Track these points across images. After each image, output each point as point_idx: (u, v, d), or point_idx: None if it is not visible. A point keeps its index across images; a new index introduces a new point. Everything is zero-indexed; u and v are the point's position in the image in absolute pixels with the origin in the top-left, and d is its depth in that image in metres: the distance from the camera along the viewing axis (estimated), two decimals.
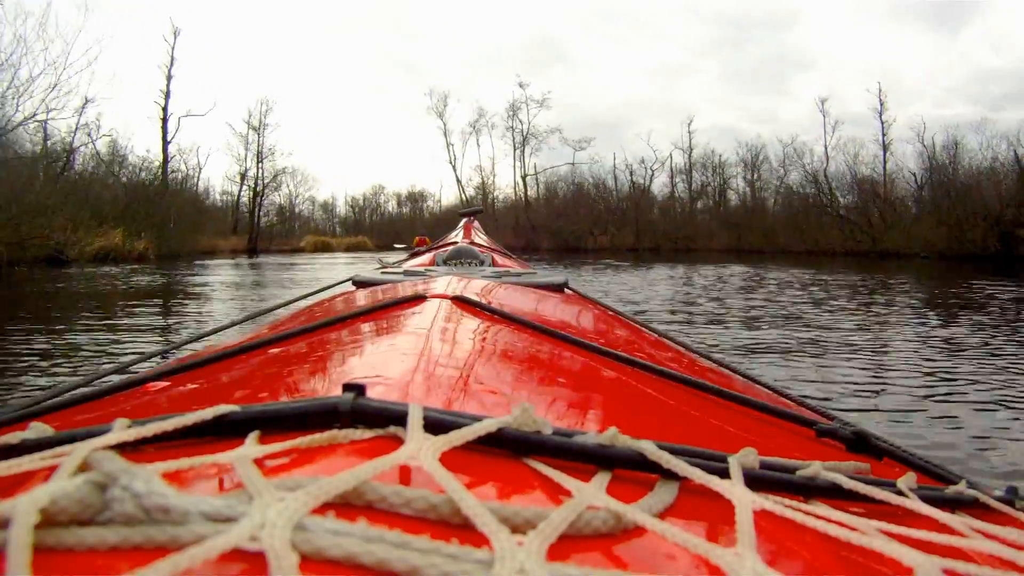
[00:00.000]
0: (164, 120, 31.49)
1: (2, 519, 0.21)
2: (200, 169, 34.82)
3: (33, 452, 0.28)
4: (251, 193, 36.44)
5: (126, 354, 3.96)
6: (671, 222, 35.84)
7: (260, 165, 36.60)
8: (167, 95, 31.77)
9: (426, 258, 2.89)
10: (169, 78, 31.70)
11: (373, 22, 63.94)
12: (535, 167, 39.75)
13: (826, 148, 33.13)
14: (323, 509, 0.23)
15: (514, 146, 39.88)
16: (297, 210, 42.32)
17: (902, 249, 25.51)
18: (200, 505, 0.22)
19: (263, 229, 36.78)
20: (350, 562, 0.21)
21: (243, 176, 36.25)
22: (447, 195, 45.22)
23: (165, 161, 30.69)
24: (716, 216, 35.66)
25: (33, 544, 0.20)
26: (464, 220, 4.62)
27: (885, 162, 30.93)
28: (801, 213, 31.76)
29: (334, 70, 63.50)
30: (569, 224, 34.94)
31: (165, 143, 31.21)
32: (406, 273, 1.76)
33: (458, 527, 0.24)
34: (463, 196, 39.30)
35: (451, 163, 40.28)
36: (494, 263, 2.58)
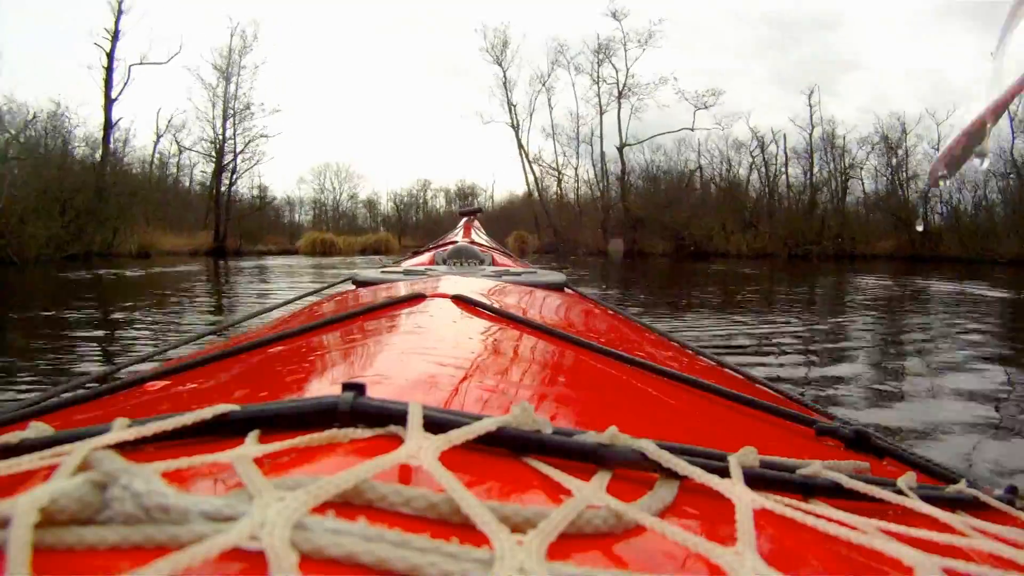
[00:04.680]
0: (109, 70, 21.74)
1: (2, 519, 0.21)
2: (159, 138, 25.24)
3: (33, 452, 0.28)
4: (215, 168, 25.01)
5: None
6: (821, 219, 24.94)
7: (234, 125, 24.72)
8: (115, 36, 21.57)
9: (426, 257, 2.89)
10: (119, 13, 21.56)
11: (421, 23, 59.95)
12: (622, 136, 26.08)
13: (1011, 120, 21.08)
14: (323, 508, 0.23)
15: (600, 109, 26.68)
16: (341, 208, 34.80)
17: None
18: (200, 504, 0.22)
19: (238, 221, 25.64)
20: (350, 561, 0.21)
21: (218, 149, 24.84)
22: (500, 189, 36.42)
23: (107, 125, 21.73)
24: (883, 210, 24.65)
25: (33, 543, 0.20)
26: (464, 219, 4.62)
27: None
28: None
29: (373, 66, 56.69)
30: (691, 218, 24.09)
31: (108, 100, 21.89)
32: (406, 272, 1.76)
33: (458, 526, 0.24)
34: (529, 169, 28.36)
35: (512, 126, 28.12)
36: (494, 262, 2.58)
